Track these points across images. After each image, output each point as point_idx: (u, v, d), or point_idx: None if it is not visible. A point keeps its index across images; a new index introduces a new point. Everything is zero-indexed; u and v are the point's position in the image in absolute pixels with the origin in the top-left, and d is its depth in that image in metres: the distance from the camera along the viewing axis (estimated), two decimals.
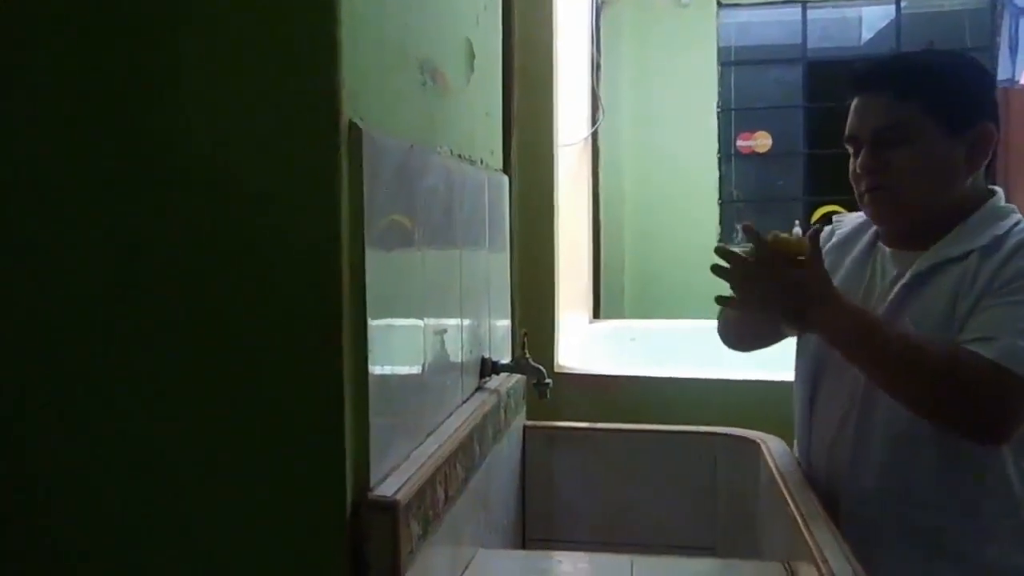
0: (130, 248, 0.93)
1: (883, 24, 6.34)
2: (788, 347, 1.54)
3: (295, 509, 0.92)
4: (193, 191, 0.92)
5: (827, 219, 1.57)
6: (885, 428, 1.28)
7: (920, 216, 1.31)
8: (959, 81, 1.31)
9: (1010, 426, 1.17)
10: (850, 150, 1.36)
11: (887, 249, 1.37)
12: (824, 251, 1.31)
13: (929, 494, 1.26)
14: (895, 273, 1.33)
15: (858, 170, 1.33)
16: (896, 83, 1.30)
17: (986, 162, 1.30)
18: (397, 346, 1.06)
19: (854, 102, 1.34)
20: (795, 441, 1.49)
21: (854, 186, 1.37)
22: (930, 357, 1.18)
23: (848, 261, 1.41)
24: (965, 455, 1.24)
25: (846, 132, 1.35)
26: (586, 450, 1.81)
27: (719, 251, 1.28)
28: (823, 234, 1.38)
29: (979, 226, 1.28)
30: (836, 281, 1.30)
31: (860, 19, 6.68)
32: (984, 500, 1.25)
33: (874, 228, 1.42)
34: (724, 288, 1.31)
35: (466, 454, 1.27)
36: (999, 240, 1.25)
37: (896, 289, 1.30)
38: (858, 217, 1.46)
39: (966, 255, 1.26)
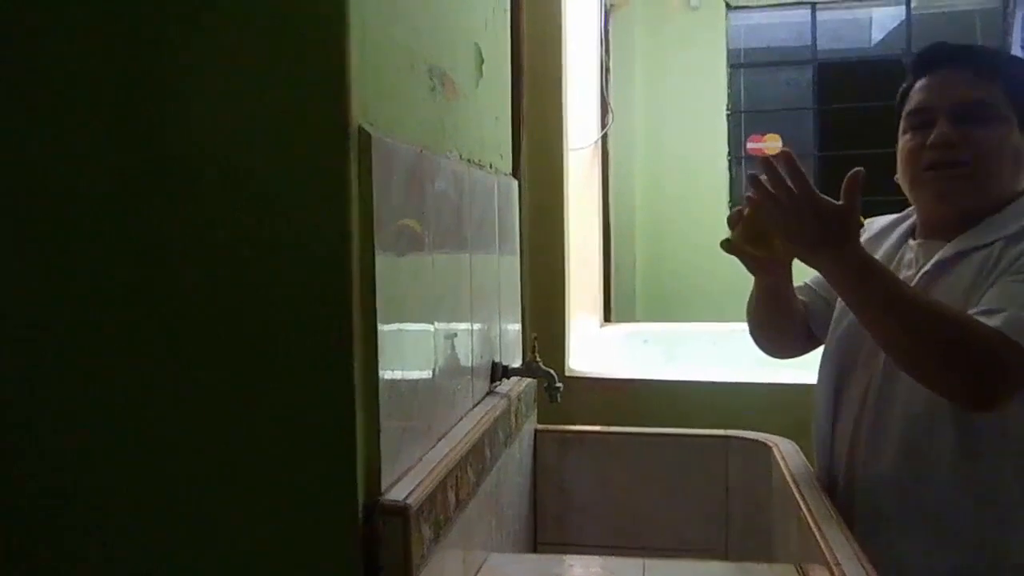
0: (138, 253, 0.94)
1: (893, 25, 6.31)
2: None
3: (307, 513, 0.93)
4: (203, 196, 0.92)
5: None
6: (904, 408, 1.27)
7: (987, 204, 1.27)
8: None
9: (1002, 393, 1.15)
10: (909, 128, 1.32)
11: (914, 242, 1.36)
12: None
13: (946, 478, 1.24)
14: (921, 262, 1.32)
15: (933, 144, 1.27)
16: (979, 61, 1.29)
17: None
18: (407, 350, 1.06)
19: (921, 81, 1.32)
20: (814, 442, 1.47)
21: (910, 164, 1.31)
22: (935, 315, 1.15)
23: (877, 255, 1.39)
24: (982, 439, 1.22)
25: (913, 107, 1.32)
26: (598, 453, 1.80)
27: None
28: None
29: (1011, 218, 1.26)
30: None
31: (870, 20, 6.65)
32: (1004, 487, 1.23)
33: (907, 224, 1.40)
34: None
35: (477, 458, 1.27)
36: None
37: (918, 277, 1.29)
38: (887, 218, 1.46)
39: (991, 243, 1.24)
